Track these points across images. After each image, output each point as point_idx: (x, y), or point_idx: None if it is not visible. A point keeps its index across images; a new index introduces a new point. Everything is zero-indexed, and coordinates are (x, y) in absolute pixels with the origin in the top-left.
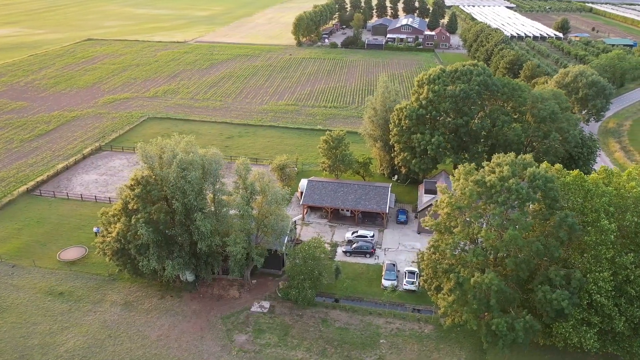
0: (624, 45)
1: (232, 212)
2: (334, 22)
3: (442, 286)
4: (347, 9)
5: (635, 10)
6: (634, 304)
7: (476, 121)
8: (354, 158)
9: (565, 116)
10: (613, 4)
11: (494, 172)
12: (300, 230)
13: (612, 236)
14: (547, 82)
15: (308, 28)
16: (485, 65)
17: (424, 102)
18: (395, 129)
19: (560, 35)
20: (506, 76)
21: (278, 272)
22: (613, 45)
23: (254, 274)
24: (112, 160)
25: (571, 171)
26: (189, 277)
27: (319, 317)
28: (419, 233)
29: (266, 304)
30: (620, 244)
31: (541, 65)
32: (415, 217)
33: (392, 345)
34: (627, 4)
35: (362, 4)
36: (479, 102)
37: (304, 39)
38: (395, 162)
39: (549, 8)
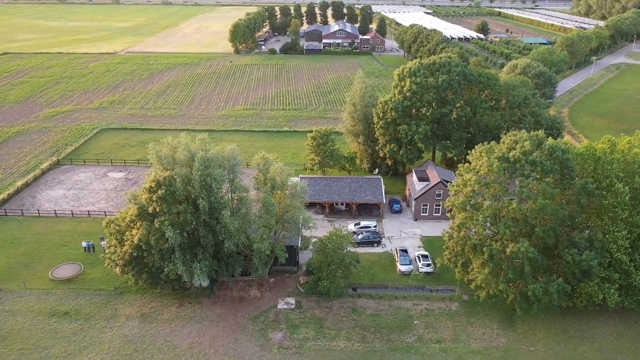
0: (540, 43)
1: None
2: (265, 29)
3: (468, 262)
4: (278, 17)
5: (538, 13)
6: None
7: (458, 110)
8: (341, 153)
9: (536, 101)
10: (517, 8)
11: (513, 149)
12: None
13: (627, 197)
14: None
15: (244, 35)
16: None
17: (407, 94)
18: (380, 122)
19: (482, 36)
20: None
21: (294, 269)
22: (531, 43)
23: (269, 273)
24: (75, 174)
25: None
26: (204, 282)
27: (348, 307)
28: (415, 220)
29: (291, 300)
30: (631, 205)
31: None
32: (407, 206)
33: (426, 324)
34: (529, 9)
35: (292, 12)
36: (460, 92)
37: (241, 46)
38: (381, 155)
39: (463, 13)
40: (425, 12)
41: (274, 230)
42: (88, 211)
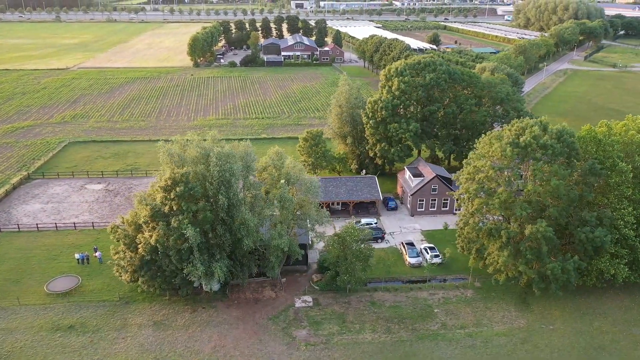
0: (489, 52)
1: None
2: (221, 44)
3: (482, 248)
4: (233, 31)
5: (481, 26)
6: None
7: (445, 108)
8: (333, 154)
9: (516, 97)
10: (460, 22)
11: (521, 134)
12: None
13: (630, 175)
14: None
15: (203, 49)
16: None
17: (397, 93)
18: (370, 122)
19: (434, 47)
20: None
21: (304, 268)
22: (482, 52)
23: (280, 273)
24: (50, 188)
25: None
26: (214, 286)
27: (366, 301)
28: (412, 216)
29: (308, 298)
30: (633, 183)
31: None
32: (402, 203)
33: (447, 312)
34: (471, 22)
35: (247, 26)
36: (446, 89)
37: (200, 60)
38: (371, 154)
39: (410, 27)
40: (375, 27)
41: (289, 227)
42: (74, 223)
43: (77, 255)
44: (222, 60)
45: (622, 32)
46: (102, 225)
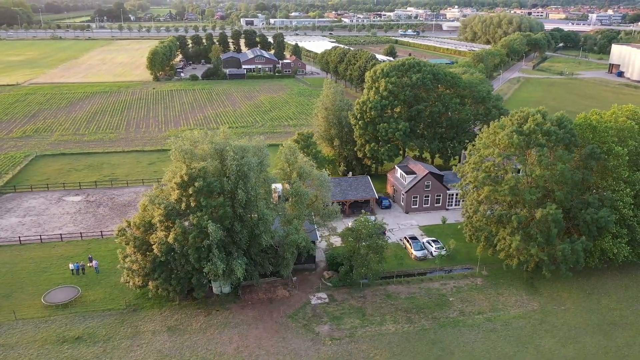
0: (445, 63)
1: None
2: (178, 58)
3: (491, 236)
4: (190, 46)
5: (430, 39)
6: None
7: (432, 107)
8: (324, 156)
9: (496, 96)
10: (410, 36)
11: (524, 123)
12: None
13: (627, 159)
14: None
15: (162, 63)
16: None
17: (384, 93)
18: (359, 122)
19: (392, 58)
20: None
21: (312, 266)
22: (438, 63)
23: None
24: (25, 201)
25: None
26: (225, 288)
27: (381, 294)
28: (407, 213)
29: (323, 295)
30: (629, 166)
31: None
32: (394, 201)
33: (462, 300)
34: (421, 37)
35: (204, 41)
36: (432, 89)
37: (160, 74)
38: (359, 155)
39: (363, 41)
40: (329, 41)
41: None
42: (60, 235)
43: (71, 266)
44: (182, 74)
45: (561, 45)
46: (89, 236)
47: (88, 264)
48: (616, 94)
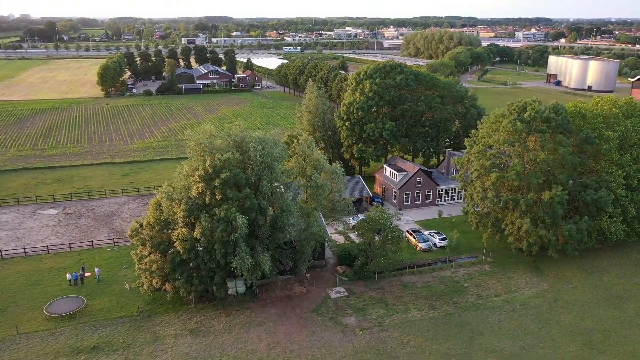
0: None
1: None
2: (126, 75)
3: (497, 221)
4: (138, 62)
5: (375, 55)
6: (634, 191)
7: (416, 107)
8: None
9: (472, 96)
10: (355, 53)
11: (523, 111)
12: None
13: (616, 142)
14: None
15: (113, 78)
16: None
17: (370, 94)
18: (346, 124)
19: (344, 72)
20: None
21: (322, 263)
22: None
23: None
24: None
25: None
26: (240, 287)
27: (398, 285)
28: (400, 210)
29: (340, 289)
30: (618, 149)
31: None
32: (385, 200)
33: (476, 285)
34: (365, 53)
35: (153, 57)
36: (415, 89)
37: (112, 90)
38: (346, 156)
39: (310, 58)
40: (278, 58)
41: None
42: (47, 247)
43: (69, 276)
44: (134, 90)
45: (497, 59)
46: (78, 247)
47: (86, 274)
48: (560, 101)
